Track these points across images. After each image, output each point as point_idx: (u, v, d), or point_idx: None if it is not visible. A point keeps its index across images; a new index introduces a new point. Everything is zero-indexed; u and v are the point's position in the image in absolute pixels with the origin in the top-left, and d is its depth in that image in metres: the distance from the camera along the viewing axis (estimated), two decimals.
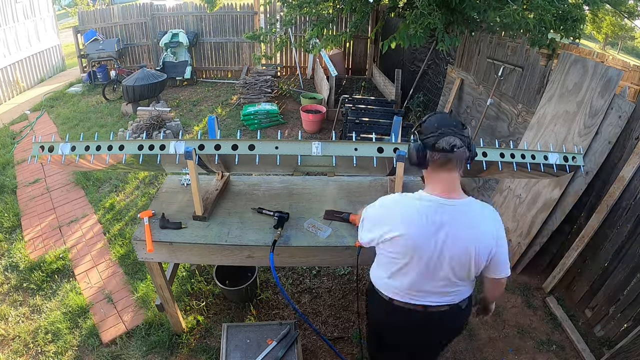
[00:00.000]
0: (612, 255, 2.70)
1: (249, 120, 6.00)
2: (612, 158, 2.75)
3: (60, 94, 7.70)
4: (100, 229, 3.80)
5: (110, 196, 4.25)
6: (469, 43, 4.59)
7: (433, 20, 3.54)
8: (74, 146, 1.93)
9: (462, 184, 1.51)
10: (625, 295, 2.58)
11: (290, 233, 2.13)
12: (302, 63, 8.72)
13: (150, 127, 5.26)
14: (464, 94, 4.73)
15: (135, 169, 3.34)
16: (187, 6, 8.34)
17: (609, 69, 2.78)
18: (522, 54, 3.69)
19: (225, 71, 8.83)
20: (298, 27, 8.18)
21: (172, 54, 7.99)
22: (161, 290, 2.35)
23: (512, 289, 3.15)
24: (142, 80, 6.31)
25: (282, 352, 2.08)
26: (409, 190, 1.52)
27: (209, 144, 1.95)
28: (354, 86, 7.39)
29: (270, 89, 6.84)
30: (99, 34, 8.16)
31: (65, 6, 17.19)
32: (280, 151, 1.92)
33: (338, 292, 3.07)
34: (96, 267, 3.31)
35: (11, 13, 7.92)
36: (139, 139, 1.95)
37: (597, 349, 2.64)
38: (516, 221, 3.38)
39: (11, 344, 2.64)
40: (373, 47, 8.17)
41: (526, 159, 2.01)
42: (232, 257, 2.12)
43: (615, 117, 2.71)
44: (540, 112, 3.34)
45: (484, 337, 2.75)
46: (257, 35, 5.52)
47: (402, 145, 1.97)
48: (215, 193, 2.38)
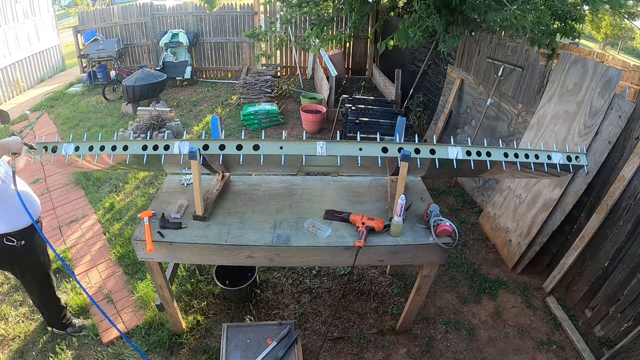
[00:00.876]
0: (612, 255, 2.70)
1: (249, 120, 6.00)
2: (612, 158, 2.75)
3: (60, 94, 7.70)
4: (100, 229, 3.80)
5: (110, 196, 4.25)
6: (469, 43, 4.59)
7: (432, 23, 3.54)
8: (77, 146, 1.93)
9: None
10: (625, 295, 2.58)
11: (290, 233, 2.13)
12: (302, 63, 8.72)
13: (151, 127, 5.26)
14: (464, 94, 4.73)
15: (135, 169, 3.33)
16: (187, 6, 8.34)
17: (609, 69, 2.78)
18: (522, 54, 3.69)
19: (225, 71, 8.83)
20: (298, 26, 8.18)
21: (172, 54, 7.99)
22: (161, 290, 2.35)
23: (512, 289, 3.15)
24: (142, 80, 6.31)
25: (282, 352, 2.09)
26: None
27: (213, 144, 1.95)
28: (354, 86, 7.38)
29: (270, 89, 6.84)
30: (99, 34, 8.16)
31: (65, 6, 17.18)
32: (285, 151, 1.92)
33: (338, 292, 3.07)
34: (96, 267, 3.31)
35: (11, 13, 7.91)
36: (143, 139, 1.95)
37: (597, 349, 2.64)
38: (516, 221, 3.38)
39: (11, 344, 2.64)
40: (373, 47, 8.17)
41: (530, 158, 2.01)
42: (232, 257, 2.11)
43: (615, 117, 2.71)
44: (540, 112, 3.34)
45: (484, 337, 2.75)
46: (256, 33, 5.52)
47: (406, 145, 1.97)
48: (216, 193, 2.38)
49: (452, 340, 2.72)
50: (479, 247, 3.61)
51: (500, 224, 3.58)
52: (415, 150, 1.96)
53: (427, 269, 2.28)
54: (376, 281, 3.17)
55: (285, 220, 2.23)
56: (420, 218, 2.27)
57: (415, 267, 3.30)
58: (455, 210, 4.09)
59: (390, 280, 3.19)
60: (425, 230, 2.17)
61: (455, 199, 4.27)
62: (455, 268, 3.33)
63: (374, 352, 2.62)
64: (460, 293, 3.10)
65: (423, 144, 1.98)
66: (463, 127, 4.69)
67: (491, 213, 3.75)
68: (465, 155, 1.97)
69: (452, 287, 3.16)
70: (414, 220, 2.25)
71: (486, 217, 3.82)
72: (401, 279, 3.20)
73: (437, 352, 2.64)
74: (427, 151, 1.97)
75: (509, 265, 3.36)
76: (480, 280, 3.21)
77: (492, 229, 3.68)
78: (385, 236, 2.13)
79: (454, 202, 4.22)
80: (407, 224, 2.19)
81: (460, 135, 4.71)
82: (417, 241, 2.11)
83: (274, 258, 2.12)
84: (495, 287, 3.16)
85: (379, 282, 3.16)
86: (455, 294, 3.09)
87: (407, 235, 2.14)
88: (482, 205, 4.05)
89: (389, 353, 2.62)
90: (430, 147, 1.98)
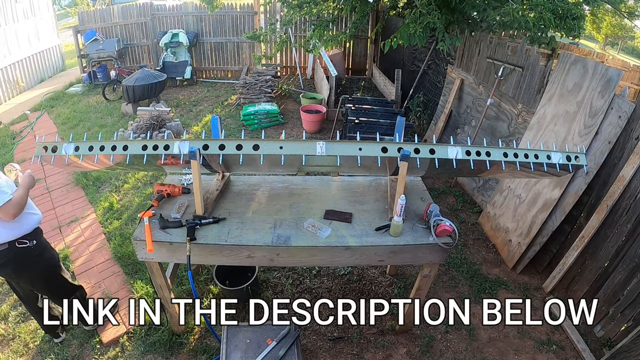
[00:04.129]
0: (612, 255, 2.70)
1: (249, 120, 6.00)
2: (612, 158, 2.75)
3: (60, 94, 7.70)
4: (100, 228, 3.80)
5: (110, 196, 4.25)
6: (469, 43, 4.59)
7: (433, 20, 3.54)
8: (77, 146, 1.93)
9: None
10: (625, 295, 2.58)
11: (290, 233, 2.13)
12: (302, 63, 8.72)
13: (150, 127, 5.26)
14: (464, 94, 4.73)
15: (135, 169, 3.33)
16: (187, 6, 8.34)
17: (609, 69, 2.78)
18: (522, 54, 3.69)
19: (225, 71, 8.83)
20: (298, 27, 8.18)
21: (172, 54, 7.99)
22: (161, 290, 2.35)
23: (512, 289, 3.15)
24: (142, 80, 6.31)
25: (282, 352, 2.08)
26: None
27: (213, 144, 1.95)
28: (354, 86, 7.38)
29: (270, 89, 6.84)
30: (99, 34, 8.16)
31: (65, 6, 17.19)
32: (284, 151, 1.92)
33: (338, 292, 3.07)
34: (96, 267, 3.31)
35: (11, 13, 7.91)
36: (142, 139, 1.95)
37: (597, 349, 2.65)
38: (516, 221, 3.38)
39: (11, 344, 2.64)
40: (373, 47, 8.17)
41: (529, 158, 2.01)
42: (232, 257, 2.11)
43: (615, 117, 2.71)
44: (540, 112, 3.34)
45: (484, 337, 2.75)
46: (257, 35, 5.52)
47: (406, 145, 1.96)
48: (216, 193, 2.38)
49: (452, 340, 2.72)
50: (479, 247, 3.61)
51: (500, 224, 3.58)
52: (414, 150, 1.96)
53: (427, 269, 2.28)
54: (376, 281, 3.17)
55: (285, 220, 2.23)
56: (420, 218, 2.27)
57: (415, 267, 3.30)
58: (455, 210, 4.09)
59: (390, 280, 3.19)
60: (425, 230, 2.17)
61: (455, 199, 4.27)
62: (455, 268, 3.33)
63: (374, 352, 2.62)
64: (460, 293, 3.10)
65: (422, 144, 1.98)
66: (463, 127, 4.69)
67: (491, 213, 3.75)
68: (464, 155, 1.97)
69: (452, 287, 3.16)
70: (414, 220, 2.25)
71: (486, 217, 3.82)
72: (401, 279, 3.20)
73: (437, 352, 2.64)
74: (427, 151, 1.97)
75: (509, 265, 3.36)
76: (480, 280, 3.21)
77: (492, 229, 3.68)
78: (385, 236, 2.13)
79: (454, 202, 4.22)
80: (407, 224, 2.20)
81: (460, 135, 4.71)
82: (417, 241, 2.11)
83: (274, 258, 2.12)
84: (495, 287, 3.15)
85: (379, 282, 3.16)
86: (455, 294, 3.09)
87: (407, 235, 2.14)
88: (482, 205, 4.04)
89: (389, 353, 2.62)
90: (429, 147, 1.98)
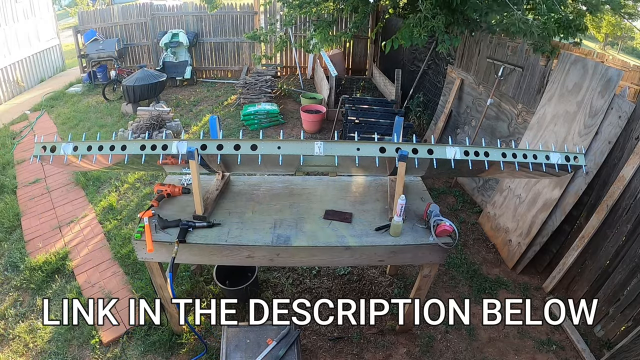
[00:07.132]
0: (612, 255, 2.70)
1: (249, 120, 6.00)
2: (612, 158, 2.75)
3: (60, 94, 7.70)
4: (100, 228, 3.80)
5: (110, 196, 4.25)
6: (469, 43, 4.59)
7: (437, 24, 3.54)
8: (76, 146, 1.93)
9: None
10: (625, 295, 2.58)
11: (290, 233, 2.13)
12: (302, 63, 8.72)
13: (150, 127, 5.26)
14: (464, 94, 4.73)
15: (134, 169, 3.33)
16: (187, 6, 8.34)
17: (609, 69, 2.78)
18: (522, 54, 3.69)
19: (225, 71, 8.83)
20: (298, 27, 8.18)
21: (172, 54, 7.99)
22: (161, 290, 2.35)
23: (512, 289, 3.15)
24: (142, 80, 6.31)
25: (282, 352, 2.08)
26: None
27: (211, 143, 1.95)
28: (354, 86, 7.38)
29: (270, 89, 6.84)
30: (99, 34, 8.16)
31: (65, 6, 17.17)
32: (282, 151, 1.92)
33: (338, 292, 3.07)
34: (96, 267, 3.31)
35: (11, 13, 7.91)
36: (141, 139, 1.95)
37: (597, 349, 2.65)
38: (516, 221, 3.38)
39: (11, 344, 2.64)
40: (373, 47, 8.17)
41: (528, 158, 2.01)
42: (232, 257, 2.12)
43: (615, 117, 2.71)
44: (540, 112, 3.34)
45: (484, 337, 2.75)
46: (257, 35, 5.52)
47: (404, 145, 1.97)
48: (216, 193, 2.38)
49: (452, 340, 2.72)
50: (479, 247, 3.61)
51: (500, 224, 3.58)
52: (412, 150, 1.97)
53: (427, 269, 2.28)
54: (376, 281, 3.17)
55: (285, 220, 2.23)
56: (420, 218, 2.27)
57: (415, 267, 3.29)
58: (455, 210, 4.09)
59: (390, 280, 3.19)
60: (425, 230, 2.17)
61: (455, 199, 4.27)
62: (455, 268, 3.33)
63: (374, 352, 2.62)
64: (460, 293, 3.10)
65: (420, 144, 1.99)
66: (463, 127, 4.69)
67: (491, 213, 3.75)
68: (463, 155, 1.97)
69: (452, 287, 3.16)
70: (414, 220, 2.25)
71: (486, 217, 3.82)
72: (401, 279, 3.20)
73: (437, 352, 2.64)
74: (425, 151, 1.98)
75: (509, 265, 3.36)
76: (480, 280, 3.21)
77: (492, 229, 3.68)
78: (385, 236, 2.13)
79: (454, 202, 4.22)
80: (407, 224, 2.20)
81: (460, 135, 4.71)
82: (417, 241, 2.11)
83: (274, 258, 2.12)
84: (495, 287, 3.15)
85: (379, 282, 3.16)
86: (455, 294, 3.09)
87: (407, 235, 2.14)
88: (482, 205, 4.04)
89: (389, 353, 2.62)
90: (427, 147, 1.98)
